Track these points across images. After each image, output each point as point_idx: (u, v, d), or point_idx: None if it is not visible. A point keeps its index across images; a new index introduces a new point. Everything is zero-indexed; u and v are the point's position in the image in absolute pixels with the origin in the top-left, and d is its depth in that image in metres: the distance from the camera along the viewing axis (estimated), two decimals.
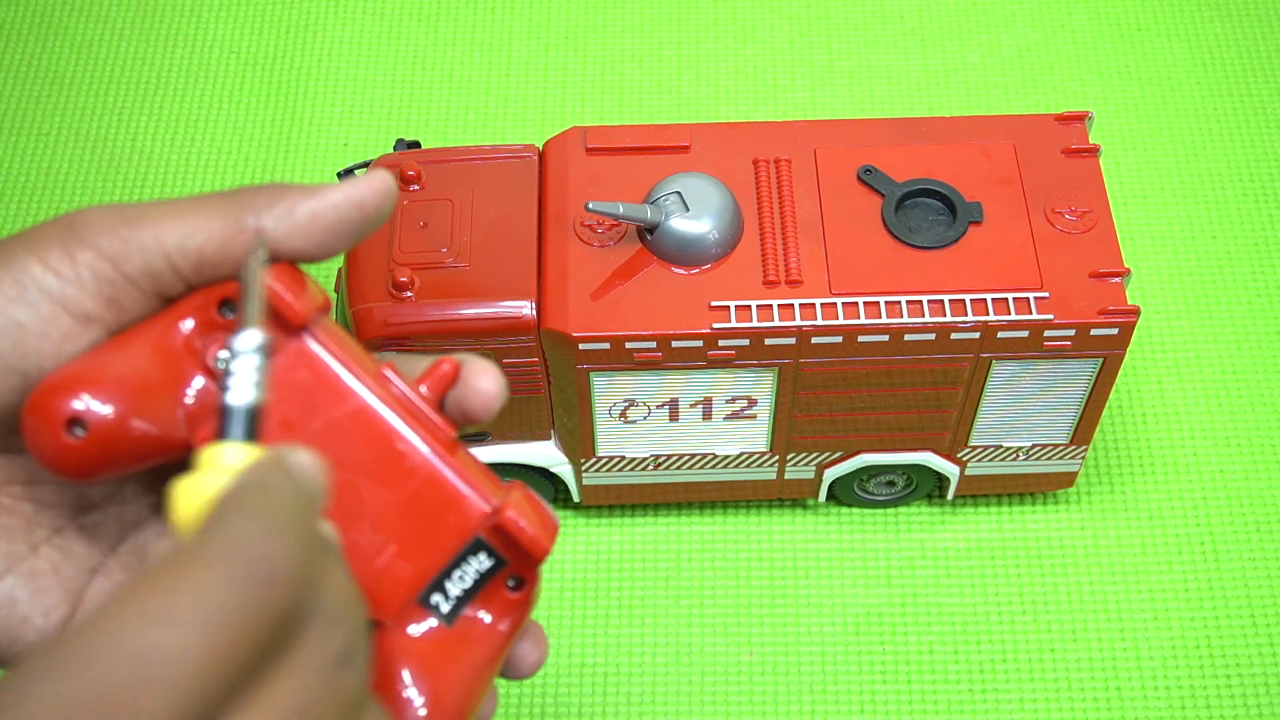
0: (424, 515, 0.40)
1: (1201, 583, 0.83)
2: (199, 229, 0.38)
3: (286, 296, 0.38)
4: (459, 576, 0.40)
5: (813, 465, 0.82)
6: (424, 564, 0.40)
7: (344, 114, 1.03)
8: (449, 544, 0.40)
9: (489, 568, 0.40)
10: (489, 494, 0.40)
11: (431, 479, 0.39)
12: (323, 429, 0.39)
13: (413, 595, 0.40)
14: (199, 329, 0.38)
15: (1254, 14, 1.07)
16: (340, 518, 0.39)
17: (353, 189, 0.40)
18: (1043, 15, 1.07)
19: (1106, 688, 0.80)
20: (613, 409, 0.77)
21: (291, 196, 0.39)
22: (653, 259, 0.74)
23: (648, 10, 1.08)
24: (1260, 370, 0.91)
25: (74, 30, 1.08)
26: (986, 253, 0.74)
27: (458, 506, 0.40)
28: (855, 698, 0.80)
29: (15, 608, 0.40)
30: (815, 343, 0.73)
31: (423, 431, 0.40)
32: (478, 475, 0.41)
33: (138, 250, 0.38)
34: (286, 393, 0.38)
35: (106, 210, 0.38)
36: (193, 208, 0.38)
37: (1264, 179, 0.99)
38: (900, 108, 1.03)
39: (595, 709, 0.80)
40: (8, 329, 0.37)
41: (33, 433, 0.38)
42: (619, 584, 0.84)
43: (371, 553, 0.40)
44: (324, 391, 0.39)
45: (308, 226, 0.39)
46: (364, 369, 0.40)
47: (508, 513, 0.40)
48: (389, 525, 0.40)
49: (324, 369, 0.39)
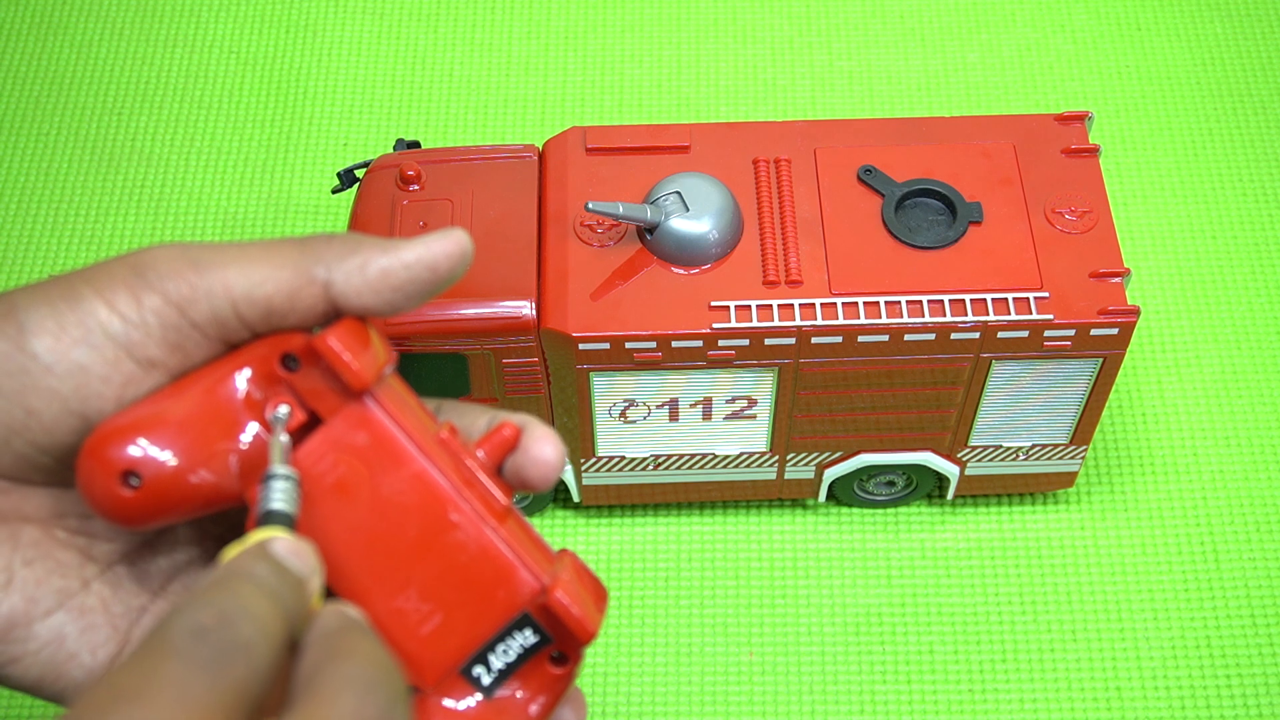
0: (473, 588, 0.39)
1: (1201, 583, 0.83)
2: (267, 278, 0.38)
3: (348, 360, 0.37)
4: (503, 650, 0.40)
5: (813, 465, 0.82)
6: (469, 636, 0.40)
7: (344, 114, 1.03)
8: (496, 618, 0.40)
9: (534, 644, 0.40)
10: (540, 569, 0.40)
11: (483, 552, 0.39)
12: (377, 494, 0.39)
13: (455, 665, 0.40)
14: (259, 381, 0.38)
15: (1254, 14, 1.07)
16: (388, 584, 0.39)
17: (427, 249, 0.39)
18: (1043, 15, 1.07)
19: (1106, 688, 0.80)
20: (613, 409, 0.77)
21: (364, 252, 0.39)
22: (653, 259, 0.74)
23: (648, 10, 1.08)
24: (1260, 370, 0.91)
25: (74, 30, 1.08)
26: (986, 253, 0.74)
27: (507, 581, 0.39)
28: (855, 698, 0.80)
29: (64, 644, 0.39)
30: (815, 343, 0.73)
31: (477, 501, 0.39)
32: (529, 548, 0.40)
33: (205, 297, 0.37)
34: (343, 456, 0.38)
35: (174, 251, 0.38)
36: (262, 255, 0.38)
37: (1264, 179, 0.99)
38: (900, 108, 1.03)
39: (595, 709, 0.80)
40: (70, 371, 0.37)
41: (87, 480, 0.37)
42: (619, 584, 0.84)
43: (417, 621, 0.39)
44: (381, 456, 0.38)
45: (378, 285, 0.39)
46: (423, 433, 0.39)
47: (556, 594, 0.39)
48: (437, 595, 0.39)
49: (382, 432, 0.38)
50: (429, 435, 0.39)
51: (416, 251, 0.39)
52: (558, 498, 0.86)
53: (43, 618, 0.39)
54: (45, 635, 0.39)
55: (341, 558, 0.39)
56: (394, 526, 0.39)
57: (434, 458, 0.39)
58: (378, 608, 0.39)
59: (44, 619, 0.39)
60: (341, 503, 0.38)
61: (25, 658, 0.39)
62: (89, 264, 0.39)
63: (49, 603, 0.39)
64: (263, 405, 0.38)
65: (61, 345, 0.37)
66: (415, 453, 0.39)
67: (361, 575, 0.39)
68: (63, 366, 0.37)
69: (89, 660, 0.40)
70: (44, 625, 0.39)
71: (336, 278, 0.38)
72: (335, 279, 0.38)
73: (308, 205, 0.98)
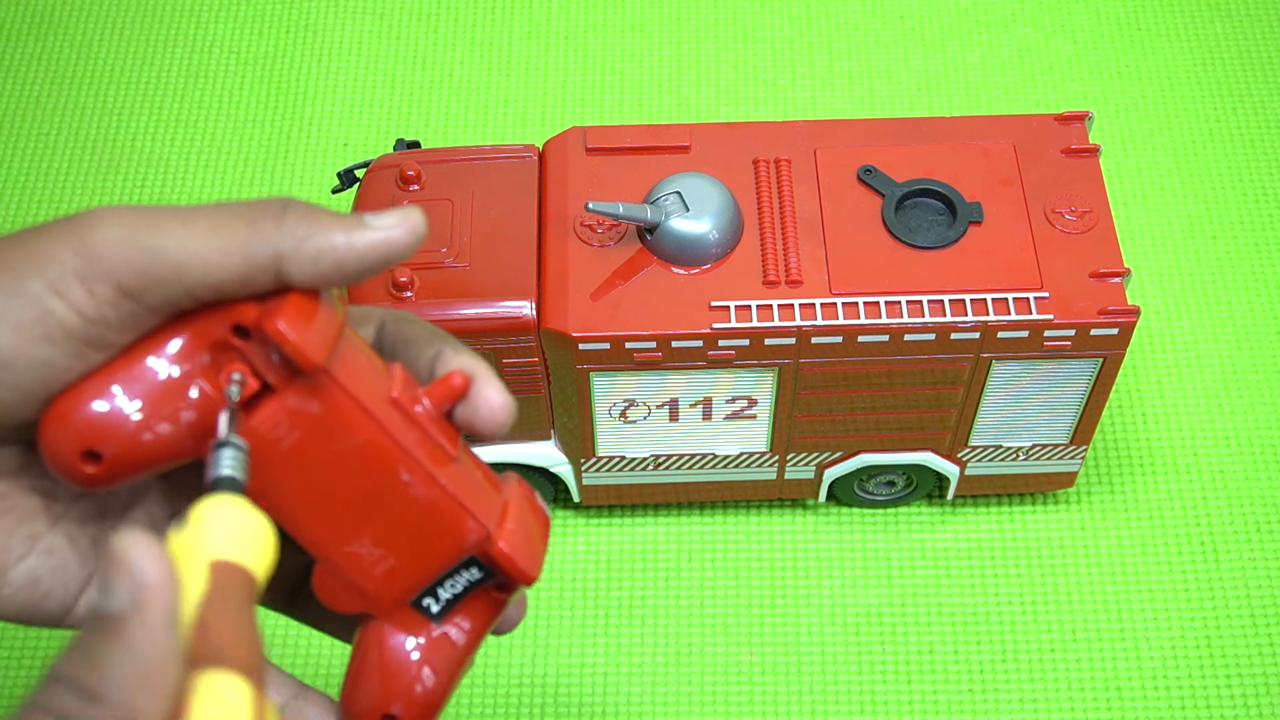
0: (422, 536, 0.42)
1: (1201, 583, 0.83)
2: (219, 264, 0.38)
3: (297, 342, 0.38)
4: (450, 585, 0.43)
5: (813, 465, 0.82)
6: (419, 575, 0.43)
7: (344, 114, 1.03)
8: (444, 560, 0.42)
9: (479, 579, 0.43)
10: (486, 514, 0.42)
11: (431, 505, 0.41)
12: (330, 457, 0.40)
13: (406, 599, 0.43)
14: (211, 348, 0.39)
15: (1254, 14, 1.07)
16: (342, 534, 0.41)
17: (384, 237, 0.39)
18: (1043, 15, 1.07)
19: (1106, 688, 0.80)
20: (613, 409, 0.77)
21: (316, 239, 0.38)
22: (653, 259, 0.74)
23: (648, 10, 1.08)
24: (1260, 370, 0.91)
25: (74, 30, 1.08)
26: (986, 253, 0.74)
27: (454, 530, 0.42)
28: (855, 698, 0.80)
29: (38, 585, 0.41)
30: (815, 343, 0.73)
31: (426, 457, 0.41)
32: (477, 493, 0.42)
33: (158, 285, 0.38)
34: (297, 423, 0.40)
35: (121, 232, 0.37)
36: (213, 236, 0.38)
37: (1264, 179, 0.99)
38: (900, 108, 1.03)
39: (595, 709, 0.80)
40: (32, 366, 0.38)
41: (50, 456, 0.39)
42: (619, 584, 0.84)
43: (371, 564, 0.42)
44: (334, 424, 0.40)
45: (330, 274, 0.39)
46: (374, 397, 0.40)
47: (500, 545, 0.42)
48: (388, 542, 0.42)
49: (335, 402, 0.40)
50: (380, 398, 0.41)
51: (370, 239, 0.39)
52: (558, 498, 0.86)
53: (16, 564, 0.41)
54: (20, 580, 0.41)
55: (297, 512, 0.41)
56: (347, 485, 0.41)
57: (385, 421, 0.40)
58: (333, 552, 0.42)
59: (17, 565, 0.41)
60: (296, 465, 0.40)
61: (1, 601, 0.41)
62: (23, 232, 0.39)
63: (21, 549, 0.41)
64: (216, 371, 0.39)
65: (20, 342, 0.37)
66: (367, 419, 0.40)
67: (316, 527, 0.41)
68: (23, 363, 0.37)
69: (62, 595, 0.42)
70: (17, 571, 0.41)
71: (290, 268, 0.38)
72: (289, 269, 0.38)
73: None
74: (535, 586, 0.84)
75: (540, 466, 0.82)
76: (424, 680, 0.43)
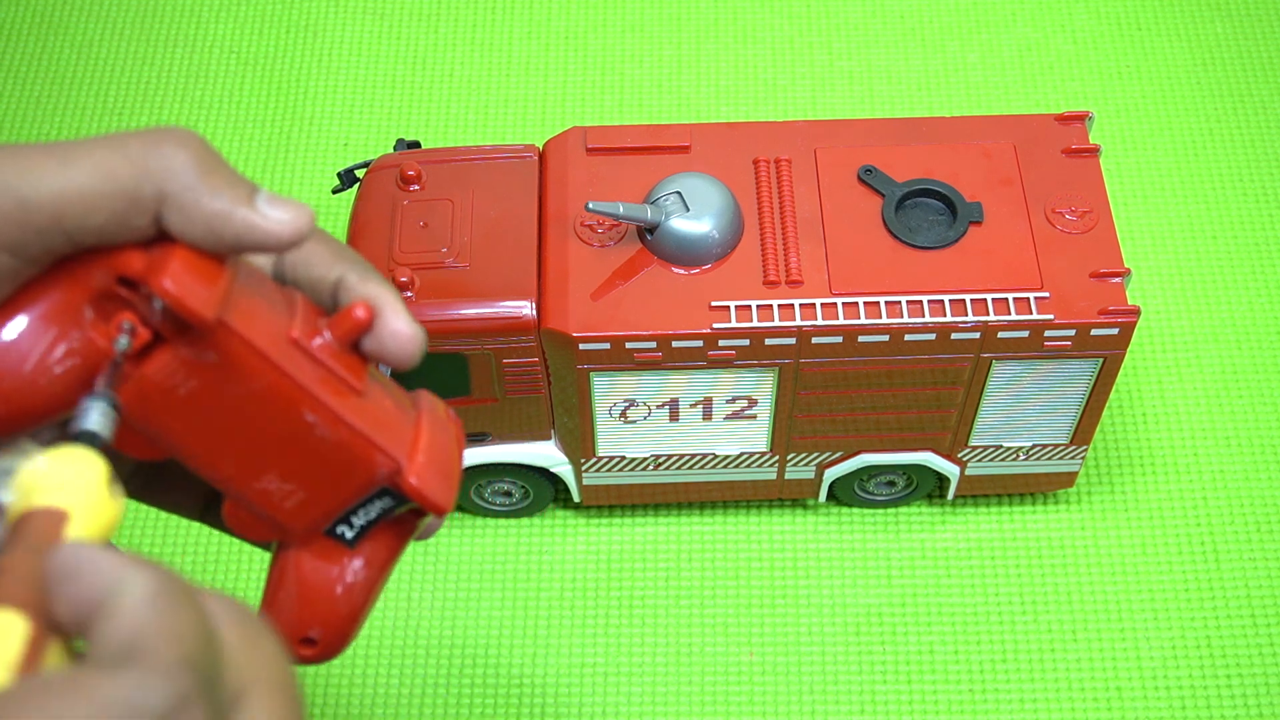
0: (330, 470, 0.41)
1: (1201, 583, 0.84)
2: (101, 208, 0.36)
3: (189, 301, 0.36)
4: (364, 513, 0.42)
5: (813, 465, 0.82)
6: (330, 506, 0.42)
7: (344, 114, 1.03)
8: (355, 493, 0.42)
9: (392, 506, 0.42)
10: (396, 447, 0.41)
11: (339, 441, 0.41)
12: (231, 402, 0.39)
13: (319, 528, 0.42)
14: (95, 298, 0.38)
15: (1254, 14, 1.07)
16: (248, 472, 0.41)
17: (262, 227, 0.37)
18: (1043, 15, 1.07)
19: (1106, 688, 0.80)
20: (613, 409, 0.77)
21: (196, 194, 0.36)
22: (653, 259, 0.74)
23: (648, 10, 1.08)
24: (1260, 370, 0.91)
25: (74, 30, 1.08)
26: (986, 253, 0.74)
27: (364, 463, 0.41)
28: (855, 698, 0.80)
29: None
30: (815, 343, 0.73)
31: (330, 394, 0.40)
32: (386, 425, 0.42)
33: (37, 236, 0.36)
34: (194, 372, 0.39)
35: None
36: (93, 175, 0.36)
37: (1264, 179, 0.99)
38: (900, 108, 1.03)
39: (595, 709, 0.80)
40: None
41: None
42: (619, 584, 0.84)
43: (281, 498, 0.41)
44: (232, 370, 0.39)
45: (203, 238, 0.37)
46: (273, 339, 0.39)
47: (410, 479, 0.41)
48: (297, 477, 0.41)
49: (229, 350, 0.39)
50: (279, 339, 0.40)
51: (249, 221, 0.37)
52: (558, 498, 0.86)
53: None
54: None
55: (200, 455, 0.40)
56: (250, 427, 0.40)
57: (285, 364, 0.39)
58: (241, 489, 0.41)
59: None
60: (195, 410, 0.39)
61: None
62: None
63: None
64: (104, 320, 0.38)
65: None
66: (266, 364, 0.39)
67: (221, 467, 0.40)
68: None
69: None
70: None
71: (167, 214, 0.36)
72: (166, 214, 0.36)
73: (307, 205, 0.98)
74: (536, 586, 0.84)
75: (540, 466, 0.82)
76: (341, 604, 0.43)
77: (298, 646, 0.44)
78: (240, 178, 0.38)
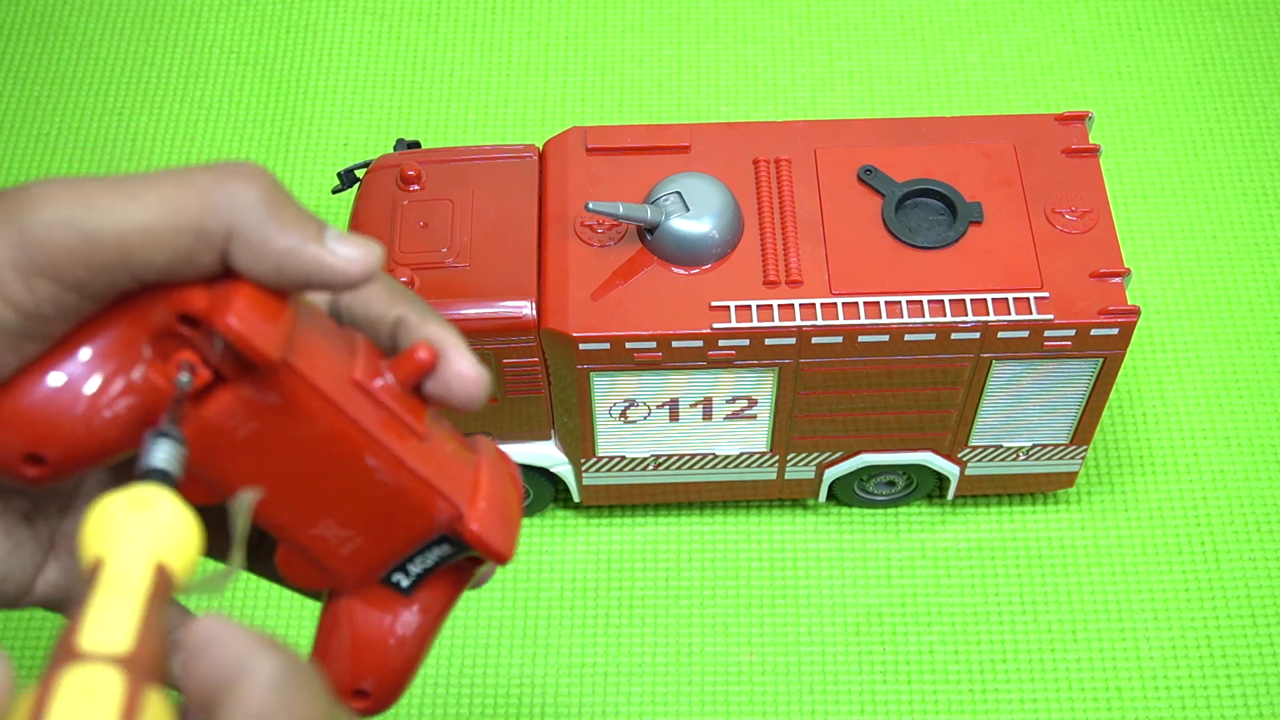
0: (390, 517, 0.40)
1: (1201, 583, 0.83)
2: (168, 244, 0.35)
3: (253, 340, 0.35)
4: (421, 560, 0.41)
5: (813, 465, 0.82)
6: (387, 554, 0.41)
7: (344, 114, 1.03)
8: (413, 540, 0.41)
9: (450, 554, 0.41)
10: (457, 493, 0.40)
11: (399, 486, 0.39)
12: (291, 446, 0.38)
13: (374, 577, 0.41)
14: (155, 337, 0.37)
15: (1254, 14, 1.07)
16: (306, 518, 0.40)
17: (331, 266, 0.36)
18: (1043, 15, 1.07)
19: (1106, 688, 0.80)
20: (613, 409, 0.77)
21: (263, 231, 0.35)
22: (653, 259, 0.74)
23: (648, 10, 1.08)
24: (1260, 370, 0.91)
25: (74, 30, 1.08)
26: (986, 253, 0.74)
27: (424, 510, 0.40)
28: (855, 698, 0.80)
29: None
30: (815, 343, 0.73)
31: (392, 438, 0.39)
32: (447, 470, 0.40)
33: (103, 273, 0.35)
34: (254, 413, 0.38)
35: (60, 215, 0.34)
36: (162, 210, 0.35)
37: (1264, 179, 0.99)
38: (900, 108, 1.03)
39: (595, 709, 0.80)
40: None
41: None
42: (619, 584, 0.84)
43: (337, 544, 0.40)
44: (294, 413, 0.38)
45: (268, 275, 0.36)
46: (335, 381, 0.38)
47: (472, 526, 0.40)
48: (354, 523, 0.40)
49: (292, 391, 0.37)
50: (341, 381, 0.38)
51: (318, 259, 0.36)
52: (558, 498, 0.86)
53: None
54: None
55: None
56: (309, 471, 0.39)
57: (347, 406, 0.38)
58: (297, 535, 0.40)
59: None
60: (254, 453, 0.38)
61: None
62: None
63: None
64: (163, 359, 0.37)
65: None
66: (328, 407, 0.38)
67: (278, 512, 0.39)
68: None
69: (20, 576, 0.39)
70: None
71: (234, 251, 0.35)
72: (233, 251, 0.35)
73: (308, 205, 0.98)
74: (535, 586, 0.84)
75: (540, 466, 0.82)
76: (395, 654, 0.42)
77: (349, 698, 0.42)
78: (309, 214, 0.37)
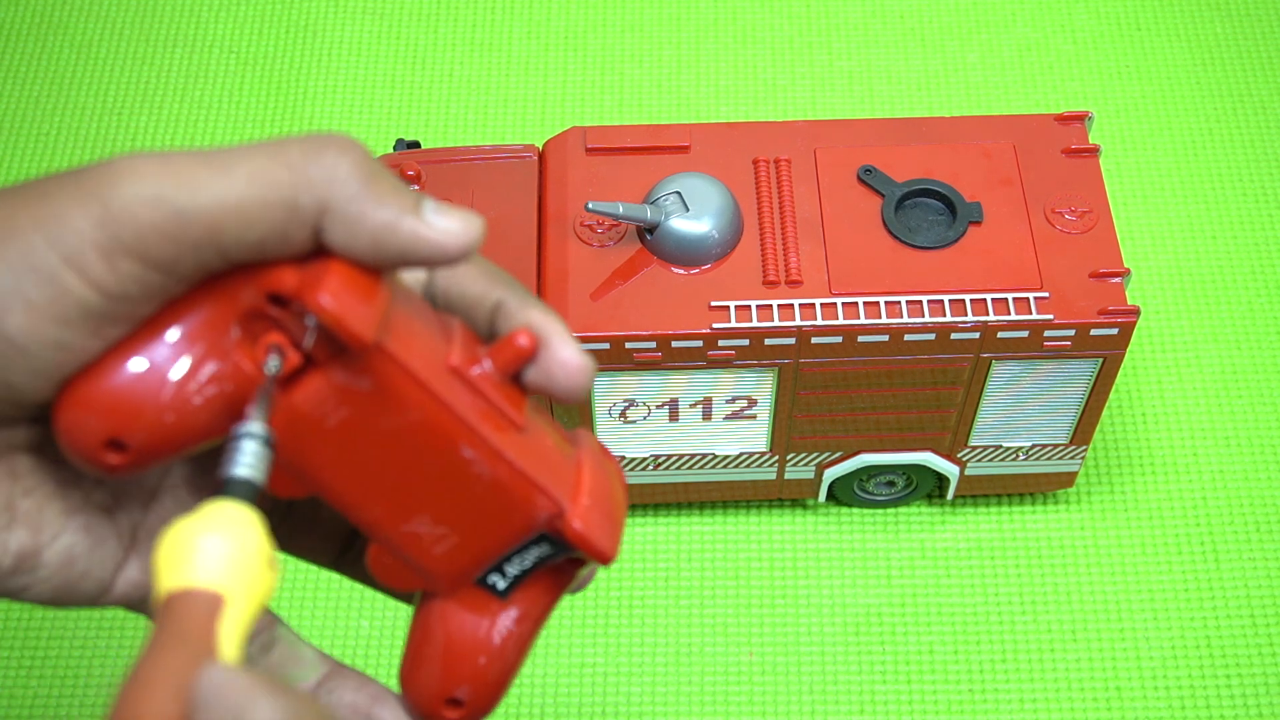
0: (487, 513, 0.38)
1: (1201, 583, 0.84)
2: (261, 219, 0.33)
3: (347, 322, 0.33)
4: (519, 560, 0.39)
5: (813, 465, 0.82)
6: (484, 553, 0.39)
7: (344, 114, 1.03)
8: (512, 538, 0.39)
9: (550, 554, 0.39)
10: (558, 488, 0.38)
11: (496, 481, 0.37)
12: (384, 435, 0.36)
13: (470, 578, 0.39)
14: (242, 318, 0.35)
15: (1254, 14, 1.07)
16: (398, 513, 0.38)
17: (430, 239, 0.34)
18: (1043, 15, 1.07)
19: (1106, 688, 0.80)
20: (613, 409, 0.77)
21: (360, 205, 0.34)
22: (653, 259, 0.74)
23: (648, 10, 1.08)
24: (1260, 370, 0.91)
25: (74, 30, 1.08)
26: (986, 253, 0.74)
27: (523, 508, 0.38)
28: (855, 698, 0.80)
29: (74, 565, 0.38)
30: (815, 343, 0.73)
31: (490, 429, 0.37)
32: (547, 464, 0.38)
33: (191, 251, 0.33)
34: (346, 400, 0.36)
35: (148, 191, 0.33)
36: (252, 185, 0.33)
37: (1264, 179, 0.99)
38: (900, 108, 1.03)
39: (595, 709, 0.80)
40: (47, 348, 0.34)
41: (68, 446, 0.35)
42: (619, 584, 0.84)
43: (431, 542, 0.38)
44: (387, 400, 0.36)
45: (365, 251, 0.34)
46: (430, 367, 0.36)
47: (574, 524, 0.38)
48: (450, 520, 0.38)
49: (385, 377, 0.36)
50: (438, 367, 0.36)
51: (417, 232, 0.34)
52: None
53: (50, 543, 0.37)
54: (55, 561, 0.37)
55: (347, 491, 0.37)
56: (403, 462, 0.37)
57: (444, 394, 0.36)
58: (389, 532, 0.38)
59: (51, 544, 0.37)
60: (345, 443, 0.36)
61: (36, 585, 0.37)
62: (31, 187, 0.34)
63: (54, 527, 0.37)
64: (251, 342, 0.35)
65: (34, 324, 0.33)
66: (424, 394, 0.36)
67: (370, 507, 0.37)
68: (38, 345, 0.34)
69: (100, 573, 0.38)
70: (51, 551, 0.37)
71: (327, 226, 0.34)
72: (326, 227, 0.34)
73: None
74: None
75: None
76: (492, 661, 0.40)
77: (443, 708, 0.40)
78: (405, 186, 0.35)
